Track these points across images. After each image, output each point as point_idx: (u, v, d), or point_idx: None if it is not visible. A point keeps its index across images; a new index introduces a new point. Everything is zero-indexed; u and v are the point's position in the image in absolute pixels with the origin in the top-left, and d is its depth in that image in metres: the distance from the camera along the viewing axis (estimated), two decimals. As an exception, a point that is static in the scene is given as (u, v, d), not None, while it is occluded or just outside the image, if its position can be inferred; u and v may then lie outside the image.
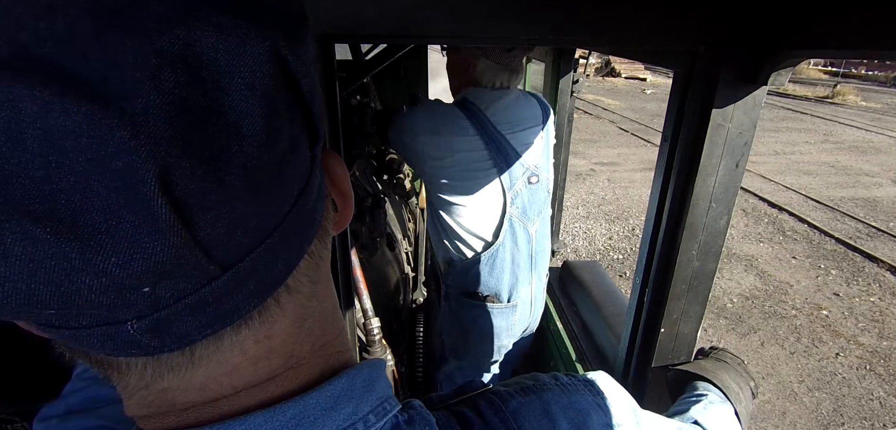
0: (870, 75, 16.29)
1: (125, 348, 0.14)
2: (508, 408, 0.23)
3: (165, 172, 0.11)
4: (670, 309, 0.59)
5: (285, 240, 0.16)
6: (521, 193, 0.93)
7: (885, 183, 5.21)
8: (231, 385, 0.17)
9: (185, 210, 0.12)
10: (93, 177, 0.11)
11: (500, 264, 0.95)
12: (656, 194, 0.58)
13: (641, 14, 0.45)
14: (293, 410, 0.17)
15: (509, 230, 0.93)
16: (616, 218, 4.05)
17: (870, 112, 9.76)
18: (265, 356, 0.18)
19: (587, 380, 0.27)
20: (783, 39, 0.45)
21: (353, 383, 0.19)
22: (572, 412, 0.24)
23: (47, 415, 0.32)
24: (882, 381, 2.32)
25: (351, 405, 0.19)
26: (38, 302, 0.11)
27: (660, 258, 0.58)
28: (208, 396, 0.17)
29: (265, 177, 0.14)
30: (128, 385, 0.16)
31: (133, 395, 0.17)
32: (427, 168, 0.91)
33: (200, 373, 0.16)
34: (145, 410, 0.17)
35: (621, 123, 7.60)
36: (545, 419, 0.23)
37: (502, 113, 0.89)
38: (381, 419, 0.20)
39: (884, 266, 3.32)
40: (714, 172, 0.53)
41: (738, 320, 2.76)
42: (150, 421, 0.17)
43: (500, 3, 0.44)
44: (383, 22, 0.42)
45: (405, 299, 1.28)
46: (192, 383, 0.17)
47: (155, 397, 0.16)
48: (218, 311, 0.15)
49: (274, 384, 0.18)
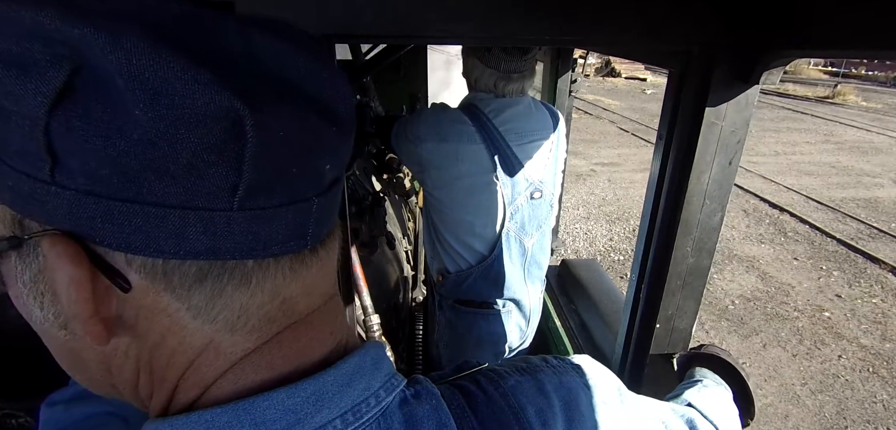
0: (870, 75, 16.25)
1: (296, 234, 0.18)
2: (506, 384, 0.25)
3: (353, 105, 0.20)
4: (666, 305, 0.59)
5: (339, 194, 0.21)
6: (522, 208, 0.91)
7: (886, 184, 5.19)
8: (306, 305, 0.20)
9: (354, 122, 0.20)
10: (345, 94, 0.19)
11: (494, 276, 0.94)
12: (652, 191, 0.59)
13: (638, 14, 0.46)
14: (313, 386, 0.19)
15: (506, 244, 0.92)
16: (617, 219, 4.05)
17: (870, 112, 9.74)
18: (321, 282, 0.21)
19: (574, 363, 0.29)
20: (776, 39, 0.46)
21: (364, 361, 0.21)
22: (563, 391, 0.26)
23: (55, 400, 0.33)
24: (885, 384, 2.31)
25: (363, 381, 0.20)
26: (313, 168, 0.18)
27: (655, 254, 0.59)
28: (291, 312, 0.20)
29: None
30: (252, 304, 0.18)
31: (253, 315, 0.18)
32: (430, 176, 0.89)
33: (304, 280, 0.20)
34: (257, 332, 0.19)
35: (621, 124, 7.61)
36: (540, 396, 0.25)
37: (512, 123, 0.86)
38: (390, 394, 0.21)
39: (886, 268, 3.31)
40: (708, 169, 0.53)
41: (740, 321, 2.75)
42: (245, 360, 0.19)
43: (498, 3, 0.44)
44: (383, 22, 0.43)
45: (405, 297, 1.29)
46: (304, 286, 0.20)
47: (276, 309, 0.19)
48: (330, 215, 0.20)
49: (311, 326, 0.21)
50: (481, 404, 0.24)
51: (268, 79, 0.16)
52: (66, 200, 0.15)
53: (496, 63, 0.84)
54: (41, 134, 0.14)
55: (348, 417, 0.19)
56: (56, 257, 0.15)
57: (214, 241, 0.16)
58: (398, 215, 1.47)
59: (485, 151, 0.85)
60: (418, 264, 1.49)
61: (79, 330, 0.17)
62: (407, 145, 0.90)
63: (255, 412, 0.18)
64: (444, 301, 1.00)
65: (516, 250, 0.94)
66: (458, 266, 0.95)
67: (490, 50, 0.83)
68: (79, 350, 0.19)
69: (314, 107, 0.17)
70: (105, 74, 0.14)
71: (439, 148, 0.85)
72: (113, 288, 0.16)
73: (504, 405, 0.24)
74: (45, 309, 0.17)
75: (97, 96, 0.14)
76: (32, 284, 0.17)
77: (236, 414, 0.17)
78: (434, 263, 1.01)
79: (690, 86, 0.52)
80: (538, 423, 0.24)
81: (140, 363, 0.19)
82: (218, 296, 0.17)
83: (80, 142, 0.14)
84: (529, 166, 0.90)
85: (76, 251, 0.15)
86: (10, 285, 0.18)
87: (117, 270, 0.16)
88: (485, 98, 0.87)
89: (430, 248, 1.01)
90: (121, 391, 0.20)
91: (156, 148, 0.14)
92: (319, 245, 0.20)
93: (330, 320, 0.21)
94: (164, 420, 0.18)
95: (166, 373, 0.18)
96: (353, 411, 0.19)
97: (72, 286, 0.16)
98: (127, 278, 0.16)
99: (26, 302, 0.18)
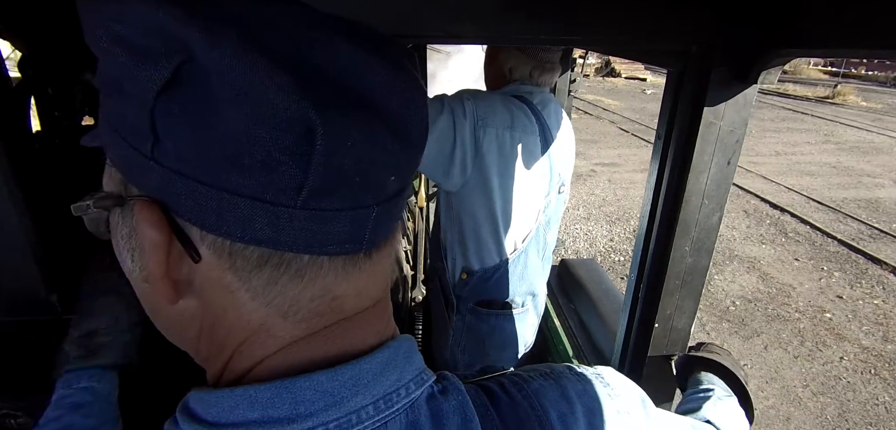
0: (870, 75, 16.24)
1: (351, 238, 0.19)
2: (530, 388, 0.26)
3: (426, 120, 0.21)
4: (664, 304, 0.59)
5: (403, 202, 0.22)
6: (552, 203, 0.91)
7: (887, 184, 5.18)
8: (354, 305, 0.21)
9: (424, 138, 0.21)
10: (419, 112, 0.20)
11: (520, 272, 0.92)
12: (651, 191, 0.59)
13: (637, 14, 0.46)
14: (351, 372, 0.20)
15: (534, 238, 0.91)
16: (617, 219, 4.05)
17: (870, 112, 9.73)
18: (371, 286, 0.22)
19: (599, 372, 0.29)
20: (774, 38, 0.46)
21: (397, 353, 0.22)
22: (587, 398, 0.27)
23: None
24: (887, 385, 2.30)
25: (396, 372, 0.22)
26: (377, 179, 0.19)
27: (654, 254, 0.59)
28: (340, 309, 0.21)
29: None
30: (303, 296, 0.19)
31: (304, 307, 0.20)
32: (482, 164, 0.79)
33: (355, 282, 0.21)
34: (306, 322, 0.20)
35: (622, 124, 7.61)
36: (564, 401, 0.26)
37: (552, 116, 0.86)
38: (419, 388, 0.22)
39: (887, 268, 3.30)
40: (706, 169, 0.54)
41: (741, 323, 2.75)
42: (289, 349, 0.20)
43: (498, 3, 0.45)
44: (383, 22, 0.44)
45: (404, 297, 1.29)
46: (354, 287, 0.21)
47: (326, 305, 0.20)
48: (389, 223, 0.21)
49: (361, 327, 0.22)
50: (505, 404, 0.24)
51: (345, 91, 0.17)
52: (159, 175, 0.17)
53: (533, 51, 0.83)
54: (148, 115, 0.17)
55: (380, 404, 0.20)
56: (143, 220, 0.18)
57: (276, 233, 0.18)
58: (398, 216, 1.47)
59: (540, 143, 0.83)
60: (418, 264, 1.50)
61: (154, 285, 0.19)
62: (462, 123, 0.78)
63: (295, 392, 0.19)
64: (464, 304, 0.94)
65: (542, 245, 0.94)
66: (488, 263, 0.90)
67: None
68: (156, 303, 0.21)
69: (386, 123, 0.18)
70: (204, 71, 0.16)
71: (505, 135, 0.79)
72: (185, 256, 0.19)
73: (527, 407, 0.24)
74: (135, 262, 0.20)
75: (194, 89, 0.16)
76: (128, 238, 0.20)
77: (278, 392, 0.19)
78: (458, 262, 0.94)
79: (689, 85, 0.52)
80: (560, 426, 0.24)
81: (202, 328, 0.21)
82: (274, 283, 0.19)
83: (176, 126, 0.17)
84: (560, 161, 0.90)
85: (160, 218, 0.18)
86: (113, 235, 0.21)
87: (191, 241, 0.18)
88: (531, 89, 0.85)
89: (452, 248, 0.94)
90: (187, 346, 0.22)
91: (236, 142, 0.16)
92: (374, 250, 0.21)
93: (376, 321, 0.22)
94: (212, 392, 0.20)
95: (225, 342, 0.20)
96: (385, 399, 0.21)
97: (151, 247, 0.18)
98: (198, 251, 0.18)
99: (122, 252, 0.21)
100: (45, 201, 0.60)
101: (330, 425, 0.19)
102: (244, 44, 0.15)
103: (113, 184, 0.20)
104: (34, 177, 0.59)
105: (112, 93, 0.18)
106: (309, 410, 0.19)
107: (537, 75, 0.86)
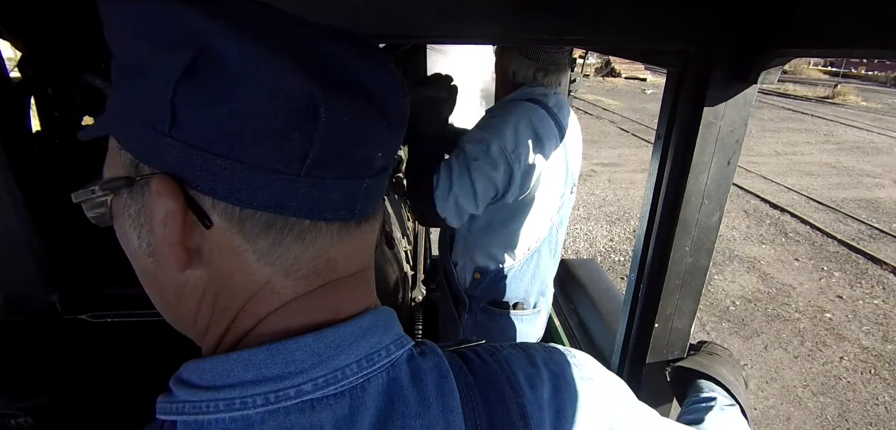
0: (870, 75, 16.24)
1: (345, 205, 0.22)
2: (501, 355, 0.29)
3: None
4: (664, 304, 0.59)
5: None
6: (566, 202, 0.92)
7: (887, 184, 5.18)
8: (345, 268, 0.24)
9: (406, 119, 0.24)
10: (400, 98, 0.23)
11: (532, 271, 0.93)
12: (650, 191, 0.59)
13: (637, 14, 0.46)
14: (334, 335, 0.22)
15: (548, 238, 0.91)
16: (617, 219, 4.05)
17: (870, 112, 9.73)
18: (359, 253, 0.24)
19: (568, 349, 0.32)
20: (774, 38, 0.46)
21: (378, 320, 0.24)
22: (553, 364, 0.29)
23: None
24: (888, 385, 2.30)
25: (377, 335, 0.24)
26: (367, 154, 0.22)
27: (654, 254, 0.59)
28: (334, 272, 0.23)
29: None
30: (304, 256, 0.22)
31: (304, 266, 0.22)
32: (514, 182, 0.79)
33: (347, 246, 0.23)
34: (305, 280, 0.22)
35: (622, 124, 7.61)
36: (531, 365, 0.29)
37: (567, 117, 0.86)
38: (399, 349, 0.24)
39: (887, 268, 3.30)
40: (706, 169, 0.54)
41: (741, 323, 2.75)
42: (288, 306, 0.22)
43: (498, 3, 0.45)
44: (382, 22, 0.44)
45: (404, 297, 1.29)
46: (346, 251, 0.23)
47: (322, 265, 0.22)
48: (376, 197, 0.24)
49: (346, 288, 0.24)
50: (478, 367, 0.27)
51: (342, 77, 0.20)
52: (177, 150, 0.19)
53: (535, 54, 0.83)
54: (169, 97, 0.18)
55: (363, 362, 0.23)
56: (162, 192, 0.20)
57: (283, 199, 0.20)
58: (398, 215, 1.47)
59: (558, 145, 0.83)
60: (418, 264, 1.49)
61: (165, 254, 0.21)
62: (491, 169, 0.75)
63: (286, 353, 0.21)
64: (476, 303, 0.94)
65: (554, 245, 0.94)
66: (502, 263, 0.90)
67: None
68: (159, 277, 0.23)
69: (375, 106, 0.21)
70: (223, 58, 0.18)
71: (534, 149, 0.78)
72: (198, 224, 0.20)
73: (498, 369, 0.27)
74: (141, 239, 0.22)
75: (214, 73, 0.18)
76: (136, 216, 0.22)
77: (271, 354, 0.21)
78: (469, 262, 0.93)
79: (689, 85, 0.52)
80: (527, 386, 0.27)
81: (206, 294, 0.22)
82: (278, 244, 0.21)
83: (196, 106, 0.19)
84: (574, 161, 0.90)
85: (176, 190, 0.20)
86: (116, 218, 0.23)
87: (204, 210, 0.20)
88: (544, 92, 0.85)
89: (464, 248, 0.93)
90: (184, 319, 0.24)
91: (250, 119, 0.19)
92: (364, 220, 0.24)
93: (363, 285, 0.25)
94: (205, 360, 0.22)
95: (231, 303, 0.22)
96: (367, 358, 0.23)
97: (168, 216, 0.20)
98: (210, 218, 0.20)
99: (127, 232, 0.22)
100: (45, 201, 0.60)
101: (318, 380, 0.21)
102: (258, 36, 0.18)
103: (121, 167, 0.22)
104: (34, 177, 0.59)
105: (132, 79, 0.20)
106: (299, 368, 0.21)
107: (541, 77, 0.85)
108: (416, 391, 0.24)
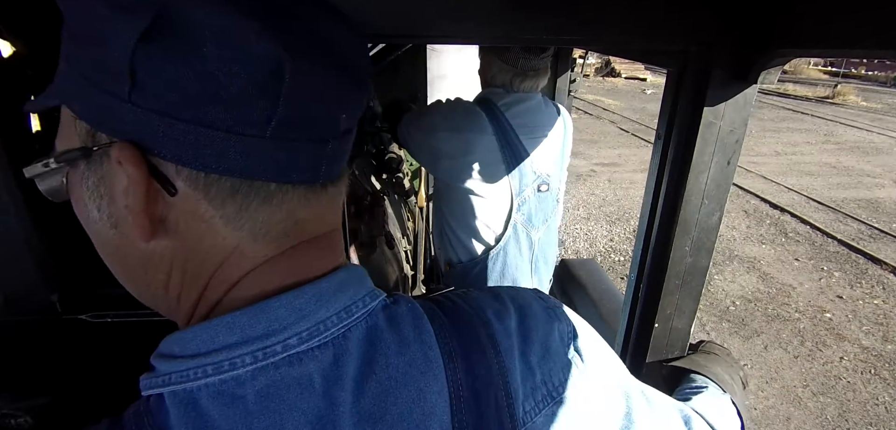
0: (870, 75, 16.23)
1: (311, 168, 0.22)
2: (471, 296, 0.30)
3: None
4: (664, 304, 0.59)
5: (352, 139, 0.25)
6: (529, 200, 0.93)
7: (887, 184, 5.18)
8: (314, 229, 0.24)
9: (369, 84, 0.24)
10: (366, 62, 0.23)
11: (500, 268, 0.95)
12: (650, 191, 0.59)
13: (636, 14, 0.46)
14: (314, 290, 0.23)
15: (513, 235, 0.93)
16: (617, 219, 4.05)
17: (870, 112, 9.73)
18: (328, 214, 0.25)
19: (537, 290, 0.34)
20: (774, 38, 0.46)
21: (351, 275, 0.25)
22: (519, 300, 0.31)
23: None
24: (888, 385, 2.30)
25: (352, 289, 0.25)
26: (331, 116, 0.22)
27: (654, 254, 0.59)
28: (305, 233, 0.23)
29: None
30: (272, 219, 0.22)
31: (272, 228, 0.22)
32: (442, 165, 0.90)
33: (315, 208, 0.23)
34: (275, 243, 0.22)
35: (622, 124, 7.61)
36: (498, 302, 0.30)
37: (523, 116, 0.88)
38: (374, 300, 0.25)
39: (887, 268, 3.30)
40: (706, 169, 0.54)
41: (741, 323, 2.75)
42: (257, 271, 0.22)
43: (498, 3, 0.45)
44: (383, 22, 0.44)
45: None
46: (314, 212, 0.24)
47: (291, 226, 0.23)
48: (340, 160, 0.24)
49: (317, 248, 0.24)
50: (449, 308, 0.29)
51: (309, 37, 0.20)
52: (137, 116, 0.18)
53: (513, 60, 0.85)
54: (128, 60, 0.18)
55: (342, 314, 0.23)
56: (124, 160, 0.19)
57: (248, 162, 0.20)
58: (397, 215, 1.47)
59: (495, 141, 0.86)
60: (418, 264, 1.50)
61: (129, 225, 0.20)
62: (419, 136, 0.90)
63: (269, 311, 0.22)
64: None
65: (524, 243, 0.95)
66: (466, 256, 0.96)
67: (509, 48, 0.84)
68: (123, 249, 0.22)
69: (337, 63, 0.21)
70: (186, 19, 0.17)
71: (452, 137, 0.86)
72: (162, 192, 0.20)
73: (468, 309, 0.29)
74: (102, 210, 0.21)
75: (176, 35, 0.18)
76: (95, 188, 0.21)
77: (253, 314, 0.21)
78: (442, 253, 1.02)
79: (689, 85, 0.52)
80: (495, 318, 0.28)
81: (174, 264, 0.22)
82: (245, 209, 0.21)
83: (157, 69, 0.18)
84: (538, 160, 0.91)
85: (138, 157, 0.19)
86: (73, 191, 0.22)
87: (167, 178, 0.20)
88: (498, 92, 0.89)
89: (439, 238, 1.02)
90: (153, 291, 0.23)
91: (214, 80, 0.18)
92: (329, 183, 0.24)
93: (333, 246, 0.26)
94: (186, 330, 0.22)
95: (200, 270, 0.22)
96: (346, 310, 0.24)
97: (131, 185, 0.19)
98: (174, 185, 0.20)
99: (86, 205, 0.22)
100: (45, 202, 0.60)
101: (302, 334, 0.22)
102: None
103: (76, 138, 0.21)
104: (34, 177, 0.59)
105: (87, 44, 0.19)
106: (283, 325, 0.21)
107: (518, 82, 0.88)
108: (395, 333, 0.25)
